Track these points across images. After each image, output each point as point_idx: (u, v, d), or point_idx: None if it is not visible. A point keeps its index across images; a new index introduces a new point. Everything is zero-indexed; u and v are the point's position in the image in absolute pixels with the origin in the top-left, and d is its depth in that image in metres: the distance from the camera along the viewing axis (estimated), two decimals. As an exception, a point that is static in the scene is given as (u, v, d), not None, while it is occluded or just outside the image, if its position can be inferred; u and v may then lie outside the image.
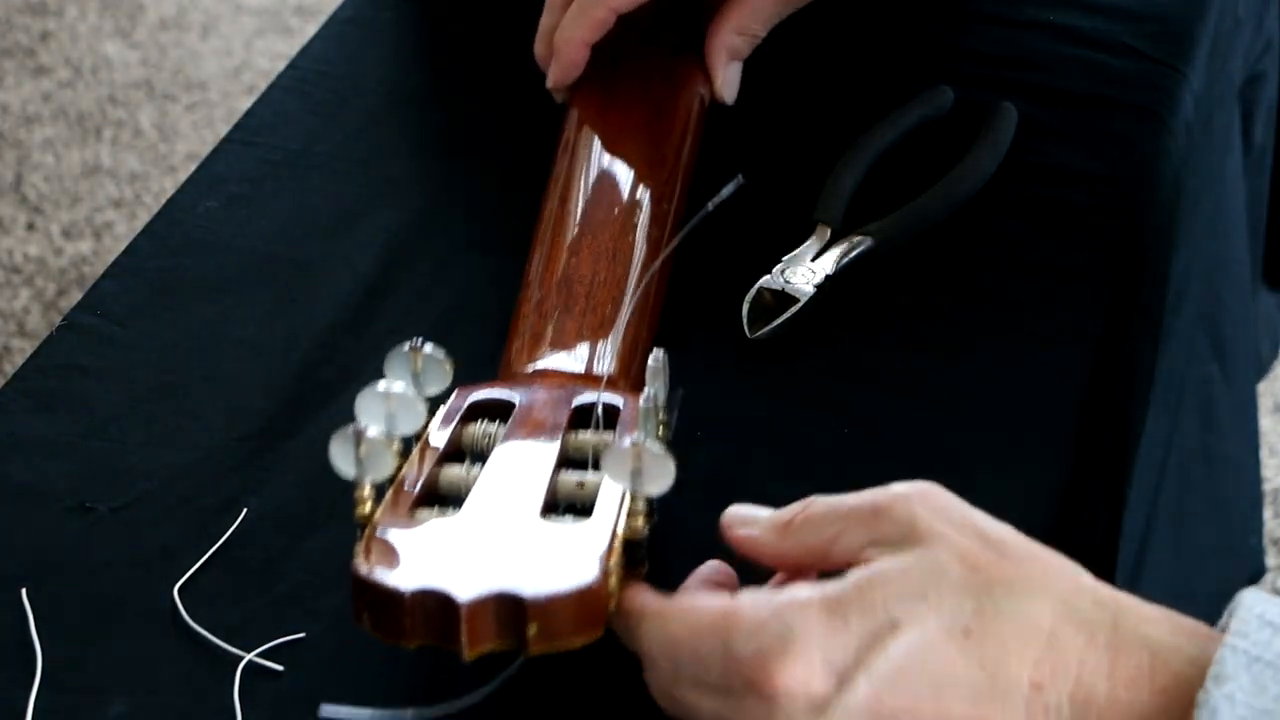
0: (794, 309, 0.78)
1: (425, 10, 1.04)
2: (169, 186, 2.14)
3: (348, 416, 0.75)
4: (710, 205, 0.70)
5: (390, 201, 0.88)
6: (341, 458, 0.60)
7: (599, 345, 0.73)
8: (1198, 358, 0.95)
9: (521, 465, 0.63)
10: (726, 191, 0.75)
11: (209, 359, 0.78)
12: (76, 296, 1.77)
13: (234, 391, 0.76)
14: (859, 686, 0.54)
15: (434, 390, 0.65)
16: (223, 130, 0.93)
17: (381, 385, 0.62)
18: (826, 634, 0.55)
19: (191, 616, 0.66)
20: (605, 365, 0.72)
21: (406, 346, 0.65)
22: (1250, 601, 0.55)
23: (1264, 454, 1.78)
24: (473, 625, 0.56)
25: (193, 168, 0.91)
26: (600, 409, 0.66)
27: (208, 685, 0.64)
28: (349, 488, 0.72)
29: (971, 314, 0.81)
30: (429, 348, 0.65)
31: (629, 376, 0.72)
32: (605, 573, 0.58)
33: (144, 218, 1.92)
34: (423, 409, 0.62)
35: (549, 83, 0.90)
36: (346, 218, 0.87)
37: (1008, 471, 0.73)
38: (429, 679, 0.65)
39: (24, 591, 0.67)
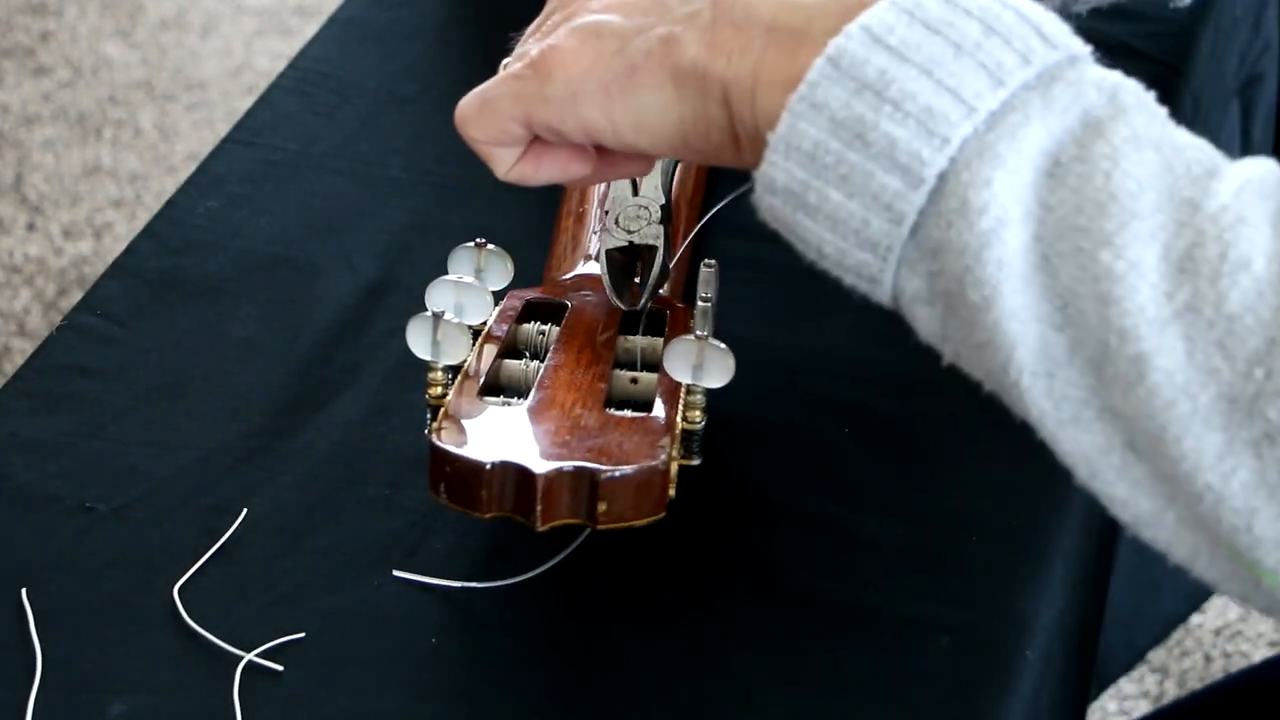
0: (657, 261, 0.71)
1: (425, 11, 1.04)
2: (169, 186, 2.14)
3: (348, 416, 0.75)
4: None
5: (390, 201, 0.88)
6: (418, 340, 0.63)
7: None
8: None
9: (579, 362, 0.66)
10: None
11: (209, 359, 0.78)
12: (76, 296, 1.77)
13: (234, 391, 0.76)
14: None
15: (495, 286, 0.68)
16: (223, 130, 0.93)
17: (452, 275, 0.65)
18: None
19: (191, 616, 0.66)
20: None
21: (472, 243, 0.69)
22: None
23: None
24: (548, 497, 0.60)
25: (193, 168, 0.91)
26: (645, 314, 0.70)
27: (208, 685, 0.64)
28: (348, 487, 0.72)
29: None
30: (491, 245, 0.69)
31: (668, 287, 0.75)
32: (669, 457, 0.61)
33: (144, 218, 1.92)
34: (489, 300, 0.66)
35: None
36: (346, 218, 0.87)
37: (1008, 468, 0.73)
38: (430, 678, 0.65)
39: (24, 591, 0.67)
